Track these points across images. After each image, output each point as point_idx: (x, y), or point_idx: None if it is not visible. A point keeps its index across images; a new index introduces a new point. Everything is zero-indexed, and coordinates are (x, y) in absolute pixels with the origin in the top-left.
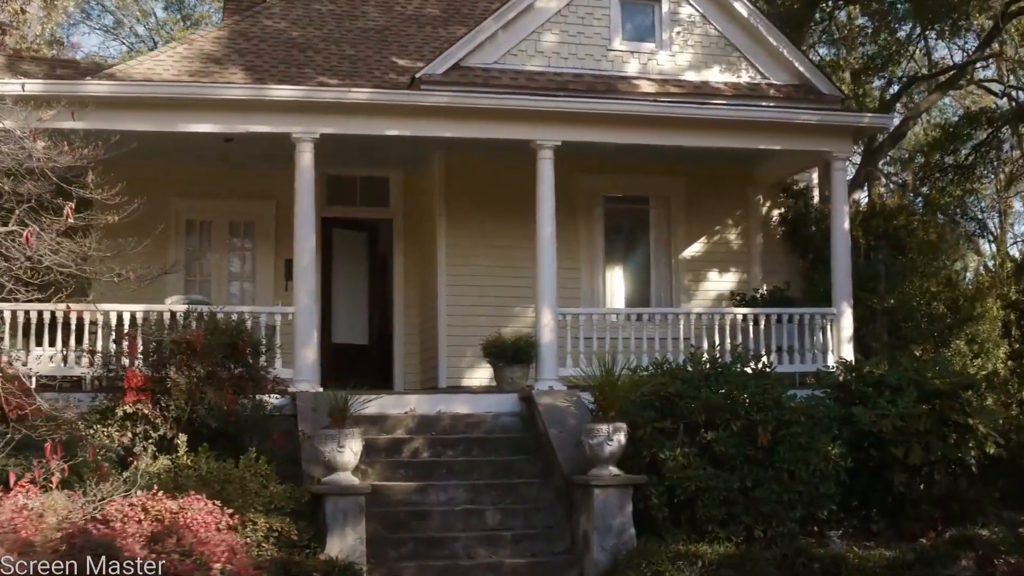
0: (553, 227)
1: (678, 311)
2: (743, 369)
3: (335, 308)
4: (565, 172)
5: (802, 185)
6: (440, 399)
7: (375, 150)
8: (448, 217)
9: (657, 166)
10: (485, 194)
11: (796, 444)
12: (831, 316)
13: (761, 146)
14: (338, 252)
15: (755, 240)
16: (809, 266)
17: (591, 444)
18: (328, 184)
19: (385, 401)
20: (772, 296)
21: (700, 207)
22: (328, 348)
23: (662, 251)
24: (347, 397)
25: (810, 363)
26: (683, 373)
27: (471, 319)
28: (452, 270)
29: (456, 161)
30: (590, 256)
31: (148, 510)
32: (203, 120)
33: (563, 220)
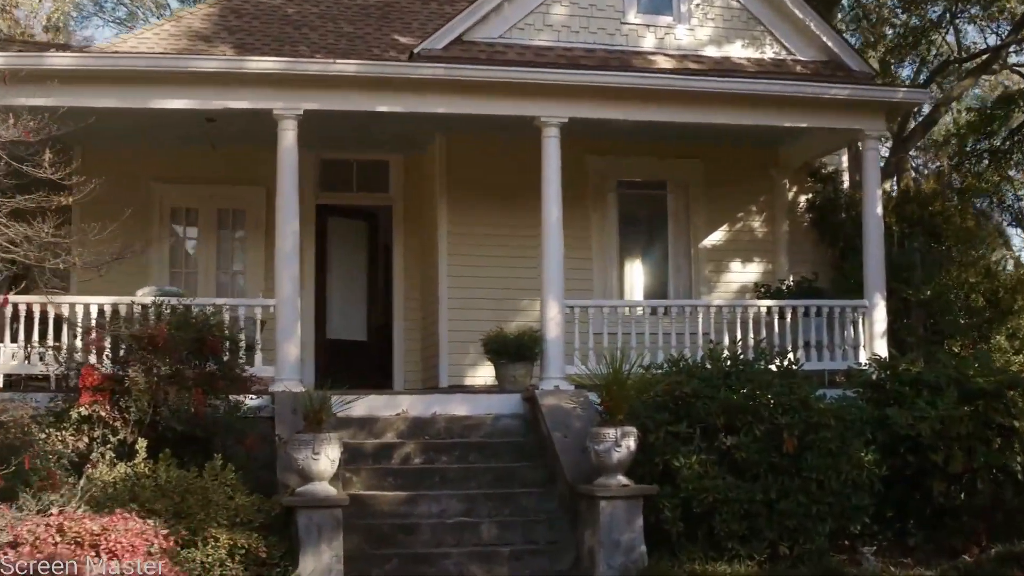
0: (560, 211)
1: (696, 303)
2: (767, 367)
3: (330, 302)
4: (575, 154)
5: (831, 169)
6: (436, 400)
7: (372, 131)
8: (450, 203)
9: (674, 148)
10: (490, 179)
11: (826, 450)
12: (863, 309)
13: (787, 123)
14: (333, 242)
15: (781, 228)
16: (839, 255)
17: (597, 450)
18: (322, 169)
19: (375, 402)
20: (799, 288)
21: (721, 192)
22: (322, 344)
23: (680, 240)
24: (324, 398)
25: (840, 360)
26: (700, 371)
27: (474, 313)
28: (454, 260)
29: (458, 143)
30: (602, 245)
31: (65, 531)
32: (177, 96)
33: (573, 206)
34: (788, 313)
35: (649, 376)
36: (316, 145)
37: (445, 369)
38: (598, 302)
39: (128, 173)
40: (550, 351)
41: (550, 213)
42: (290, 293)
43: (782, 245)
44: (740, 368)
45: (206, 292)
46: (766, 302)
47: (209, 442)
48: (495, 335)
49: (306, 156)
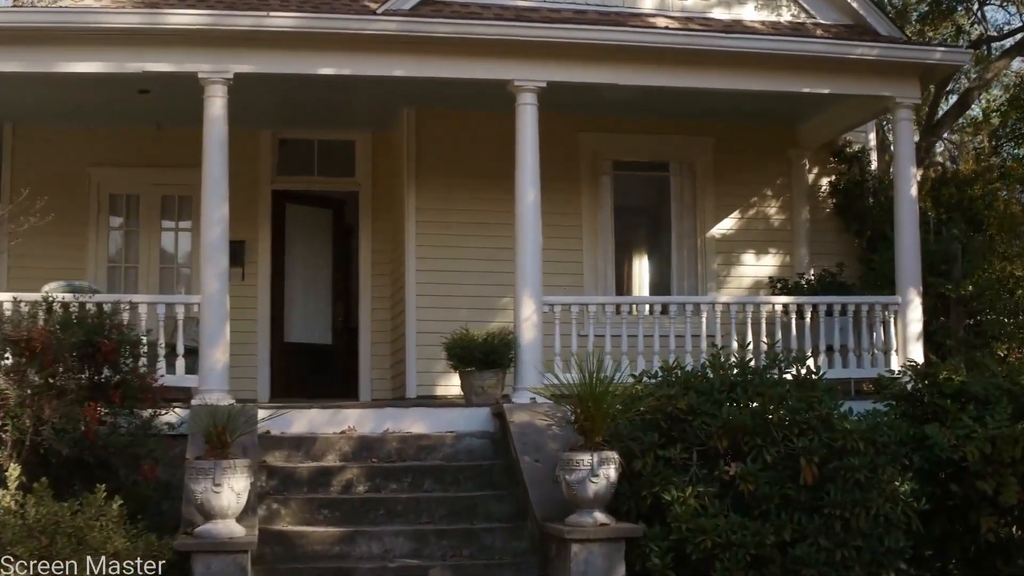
0: (537, 193)
1: (699, 300)
2: (781, 376)
3: (289, 301)
4: (564, 132)
5: (857, 147)
6: (389, 414)
7: (334, 106)
8: (419, 188)
9: (678, 123)
10: (466, 160)
11: (852, 481)
12: (895, 306)
13: (806, 89)
14: (293, 232)
15: (800, 215)
16: (866, 245)
17: (569, 481)
18: (279, 150)
19: (317, 417)
20: (821, 282)
21: (732, 174)
22: (280, 349)
23: (685, 228)
24: (232, 414)
25: (868, 366)
26: (699, 382)
27: (447, 313)
28: (424, 253)
29: (428, 118)
30: (595, 235)
31: None
32: (87, 57)
33: (561, 190)
34: (807, 312)
35: (639, 388)
36: (272, 122)
37: (413, 377)
38: (582, 299)
39: (64, 156)
40: (525, 357)
41: (525, 194)
42: (217, 290)
43: (801, 234)
44: (748, 378)
45: (148, 289)
46: (781, 299)
47: (106, 468)
48: (459, 338)
49: (261, 136)
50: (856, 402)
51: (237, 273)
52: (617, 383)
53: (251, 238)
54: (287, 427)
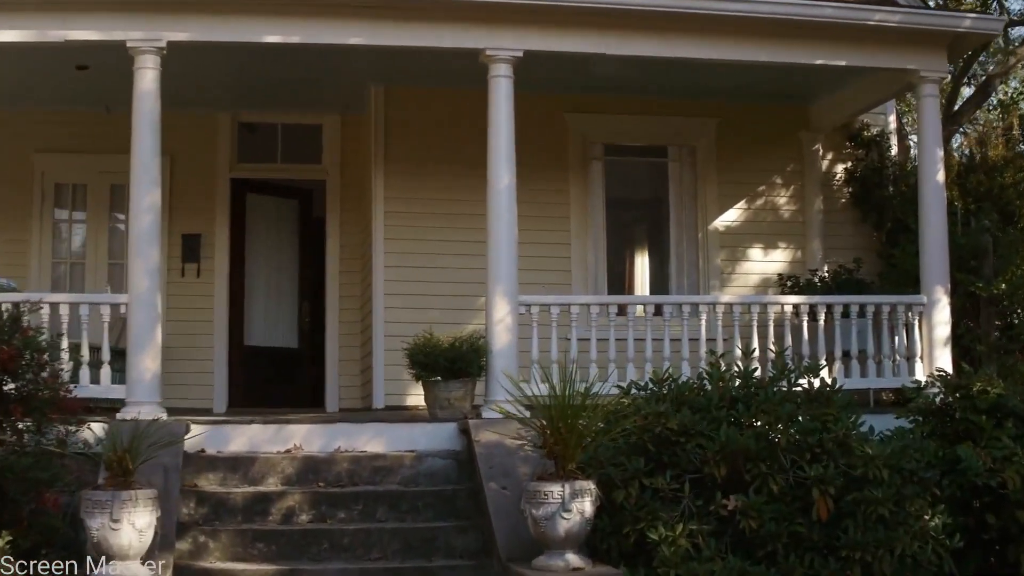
0: (512, 177)
1: (698, 301)
2: (791, 389)
3: (250, 300)
4: (549, 112)
5: (875, 131)
6: (341, 431)
7: (298, 85)
8: (387, 175)
9: (677, 103)
10: (441, 144)
11: (875, 516)
12: (919, 307)
13: (819, 61)
14: (254, 225)
15: (812, 205)
16: (886, 239)
17: (536, 516)
18: (239, 134)
19: (259, 433)
20: (836, 280)
21: (737, 160)
22: (240, 354)
23: (685, 220)
24: (136, 434)
25: (890, 375)
26: (695, 396)
27: (420, 314)
28: (392, 247)
29: (399, 98)
30: (584, 227)
31: None
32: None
33: (546, 177)
34: (821, 313)
35: (626, 402)
36: (230, 104)
37: (380, 386)
38: (564, 298)
39: (5, 141)
40: (497, 365)
41: (499, 179)
42: (146, 289)
43: (814, 227)
44: (752, 391)
45: (95, 286)
46: (792, 298)
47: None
48: (423, 343)
49: (219, 119)
50: (875, 416)
51: (191, 270)
52: (598, 396)
53: (208, 231)
54: (224, 445)
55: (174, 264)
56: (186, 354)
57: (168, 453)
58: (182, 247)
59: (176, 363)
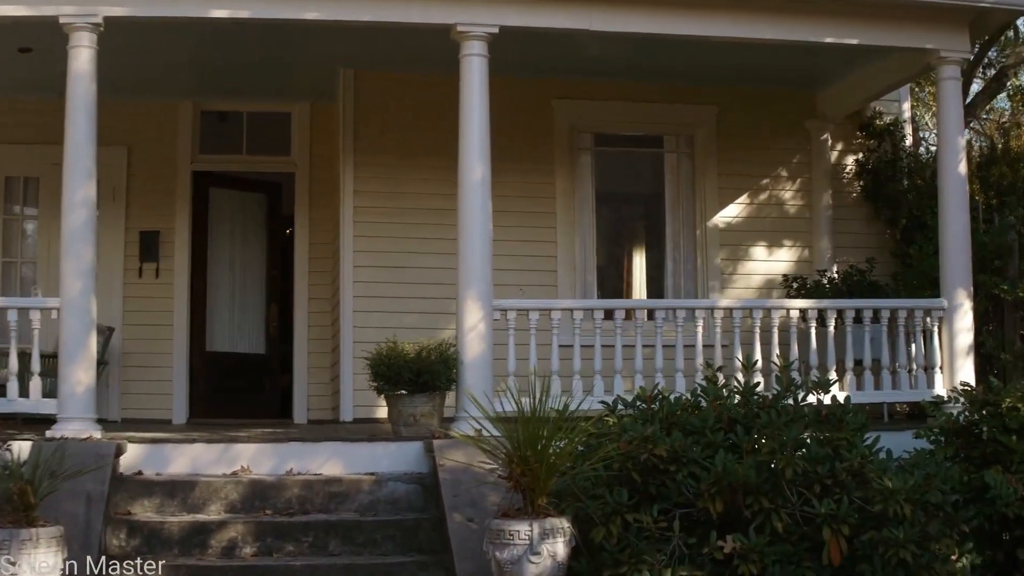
0: (487, 167)
1: (695, 305)
2: (798, 406)
3: (213, 302)
4: (534, 98)
5: (888, 120)
6: (294, 451)
7: (265, 70)
8: (358, 167)
9: (674, 89)
10: (415, 133)
11: (895, 560)
12: (939, 312)
13: (829, 39)
14: (218, 221)
15: (821, 199)
16: (900, 236)
17: (501, 560)
18: (202, 124)
19: (202, 453)
20: (847, 281)
21: (739, 151)
22: (201, 361)
23: (683, 216)
24: (38, 463)
25: (907, 388)
26: (687, 416)
27: (391, 319)
28: (363, 245)
29: (369, 82)
30: (572, 224)
31: None
32: None
33: (530, 170)
34: (831, 318)
35: (611, 422)
36: (192, 91)
37: (349, 397)
38: (544, 303)
39: None
40: (468, 377)
41: (471, 170)
42: (79, 292)
43: (823, 223)
44: (753, 410)
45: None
46: (798, 302)
47: None
48: (386, 353)
49: (180, 107)
50: (891, 434)
51: (150, 269)
52: (579, 414)
53: (167, 228)
54: (164, 466)
55: (131, 264)
56: (144, 361)
57: (94, 478)
58: (140, 245)
59: (133, 371)
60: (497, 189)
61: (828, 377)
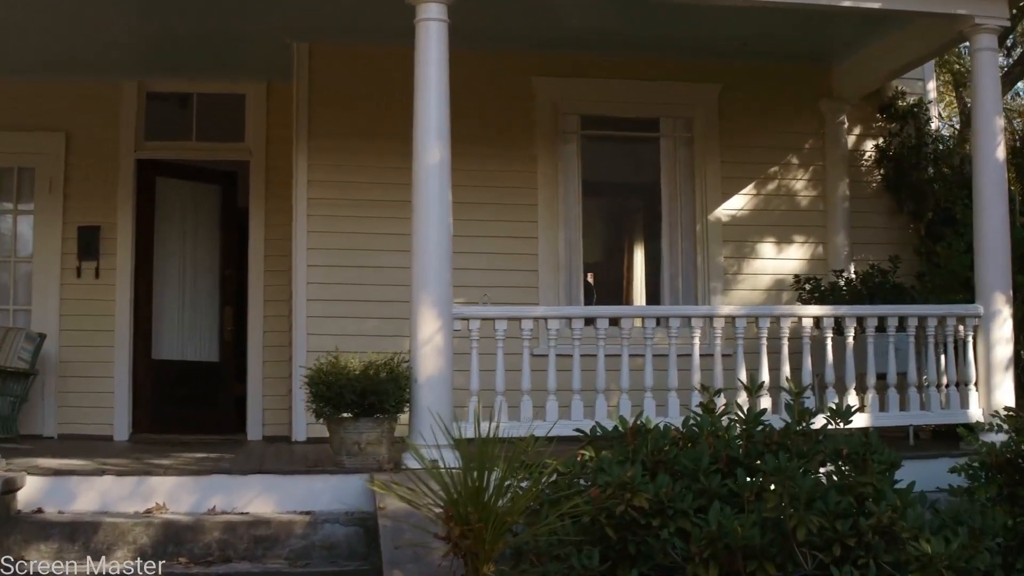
0: (445, 150)
1: (691, 313)
2: (813, 443)
3: (160, 305)
4: (513, 74)
5: (912, 100)
6: (219, 485)
7: (216, 44)
8: (312, 154)
9: (672, 64)
10: (378, 116)
11: None
12: (973, 319)
13: (845, 2)
14: (166, 215)
15: (836, 189)
16: (926, 231)
17: None
18: (148, 107)
19: (112, 488)
20: (867, 283)
21: (744, 135)
22: (146, 370)
23: (682, 208)
24: None
25: (937, 408)
26: (674, 453)
27: (349, 325)
28: (318, 242)
29: (325, 57)
30: (555, 218)
31: None
32: None
33: (506, 156)
34: (850, 327)
35: (587, 455)
36: (137, 69)
37: (302, 413)
38: (511, 310)
39: None
40: (422, 398)
41: (427, 151)
42: None
43: (839, 216)
44: (758, 447)
45: None
46: (811, 309)
47: None
48: (327, 369)
49: (123, 88)
50: (918, 463)
51: (89, 269)
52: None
53: (108, 223)
54: (68, 502)
55: (69, 262)
56: (83, 370)
57: None
58: (78, 242)
59: (71, 381)
60: (470, 179)
61: (848, 403)
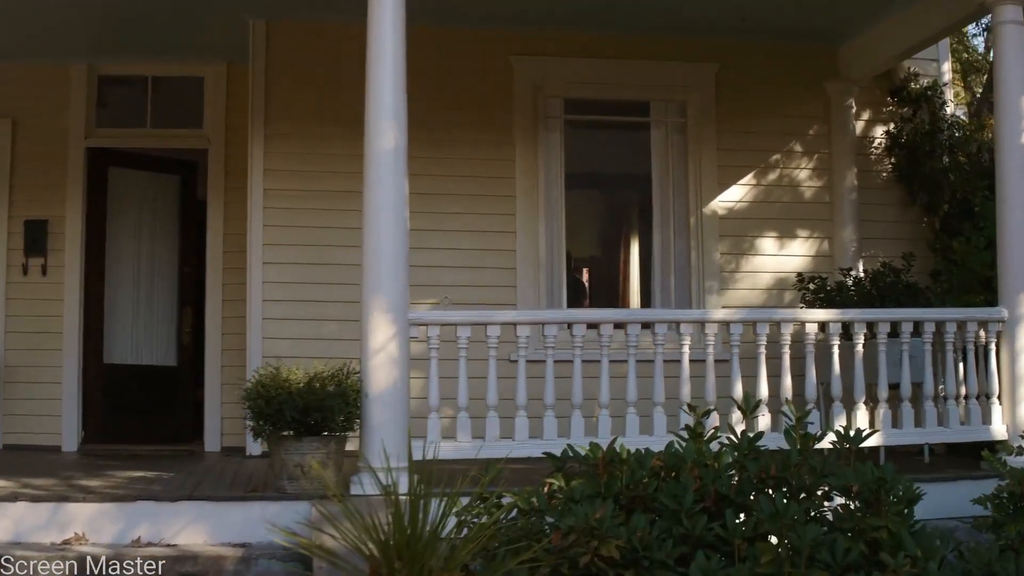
0: (402, 134)
1: (678, 318)
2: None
3: (112, 305)
4: (488, 54)
5: (925, 82)
6: (145, 512)
7: (174, 25)
8: (270, 142)
9: (664, 43)
10: (341, 100)
11: None
12: (996, 324)
13: None
14: (120, 208)
15: (844, 180)
16: (941, 226)
17: None
18: (99, 92)
19: (26, 515)
20: (878, 283)
21: (743, 120)
22: (98, 375)
23: (674, 200)
24: None
25: (955, 424)
26: (654, 487)
27: (307, 328)
28: (274, 237)
29: (283, 35)
30: (535, 208)
31: None
32: None
33: (482, 142)
34: (859, 333)
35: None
36: (87, 50)
37: None
38: (474, 315)
39: None
40: (374, 415)
41: (380, 135)
42: None
43: (846, 209)
44: (753, 482)
45: None
46: (816, 314)
47: None
48: (267, 381)
49: (72, 71)
50: (936, 487)
51: (36, 265)
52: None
53: (57, 216)
54: None
55: (15, 259)
56: (30, 375)
57: None
58: (24, 237)
59: (17, 387)
60: (441, 167)
61: (859, 426)
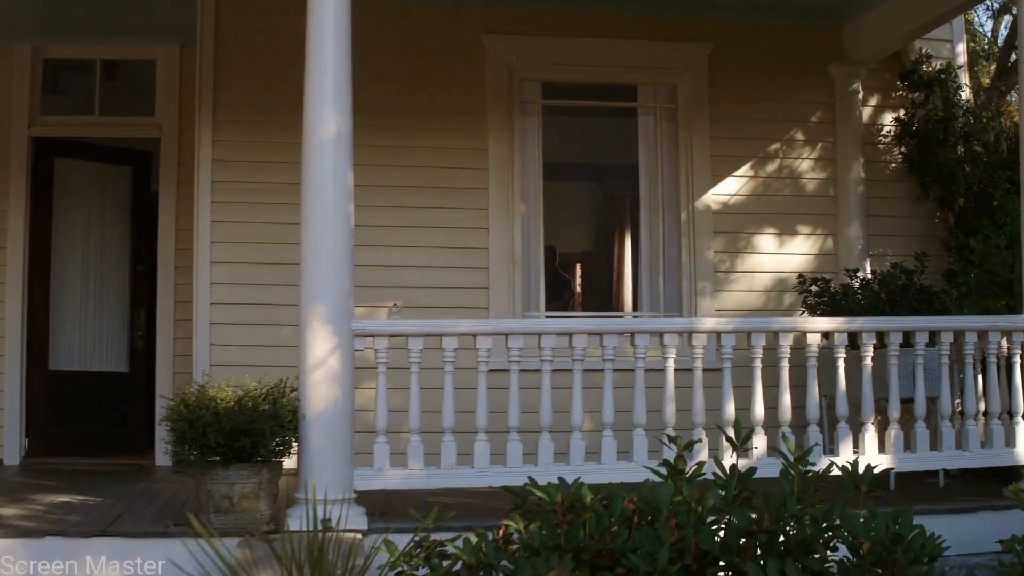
0: (345, 119)
1: (660, 328)
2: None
3: (58, 307)
4: (458, 32)
5: (938, 65)
6: (55, 549)
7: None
8: (218, 130)
9: (653, 21)
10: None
11: None
12: (1020, 334)
13: None
14: (67, 202)
15: (849, 171)
16: (956, 222)
17: None
18: (45, 76)
19: None
20: (887, 285)
21: (739, 105)
22: (43, 382)
23: (664, 193)
24: None
25: (975, 446)
26: (622, 538)
27: (261, 334)
28: (223, 234)
29: (232, 14)
30: (509, 202)
31: None
32: None
33: (452, 128)
34: (868, 343)
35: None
36: (29, 31)
37: None
38: (428, 325)
39: None
40: (312, 438)
41: (320, 120)
42: None
43: (852, 203)
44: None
45: None
46: (819, 323)
47: None
48: (192, 401)
49: (15, 53)
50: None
51: None
52: None
53: None
54: None
55: None
56: None
57: None
58: None
59: None
60: (402, 158)
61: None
